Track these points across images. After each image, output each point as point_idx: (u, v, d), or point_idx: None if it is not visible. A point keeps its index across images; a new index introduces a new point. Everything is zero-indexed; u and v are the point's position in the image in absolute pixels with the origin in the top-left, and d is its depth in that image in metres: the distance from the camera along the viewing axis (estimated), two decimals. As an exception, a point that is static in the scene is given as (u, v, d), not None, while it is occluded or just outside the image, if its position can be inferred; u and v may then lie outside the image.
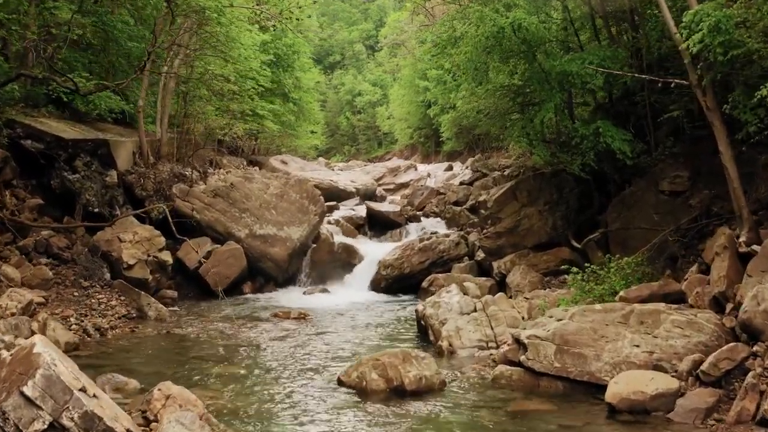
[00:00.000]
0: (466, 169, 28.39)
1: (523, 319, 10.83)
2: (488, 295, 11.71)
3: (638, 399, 7.47)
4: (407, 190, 27.53)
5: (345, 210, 22.93)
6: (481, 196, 20.18)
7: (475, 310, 11.10)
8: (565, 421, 7.46)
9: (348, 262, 18.53)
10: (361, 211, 22.33)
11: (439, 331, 10.80)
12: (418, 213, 22.84)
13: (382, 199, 26.42)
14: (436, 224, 21.38)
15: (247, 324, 12.86)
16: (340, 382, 8.59)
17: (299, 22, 23.73)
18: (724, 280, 9.04)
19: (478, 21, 13.35)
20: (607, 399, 7.58)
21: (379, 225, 21.54)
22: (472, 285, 12.41)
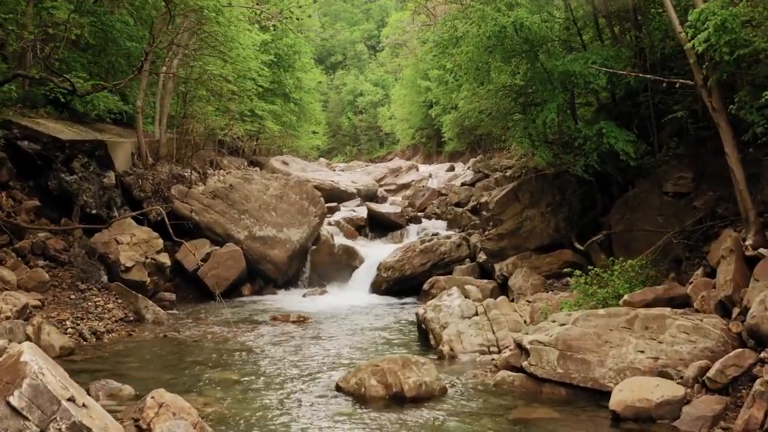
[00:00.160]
0: (467, 170, 28.28)
1: (525, 323, 10.67)
2: (490, 299, 11.54)
3: (643, 406, 7.29)
4: (408, 191, 27.43)
5: (346, 211, 22.75)
6: (483, 198, 20.03)
7: (477, 314, 10.92)
8: (568, 429, 7.28)
9: (348, 263, 18.39)
10: (362, 213, 22.16)
11: (440, 335, 10.64)
12: (420, 214, 22.71)
13: (384, 200, 26.24)
14: (438, 225, 21.24)
15: (246, 327, 12.70)
16: (338, 388, 8.42)
17: (300, 22, 23.63)
18: (730, 284, 8.86)
19: (480, 20, 13.20)
20: (612, 407, 7.41)
21: (379, 226, 21.39)
22: (473, 288, 12.24)
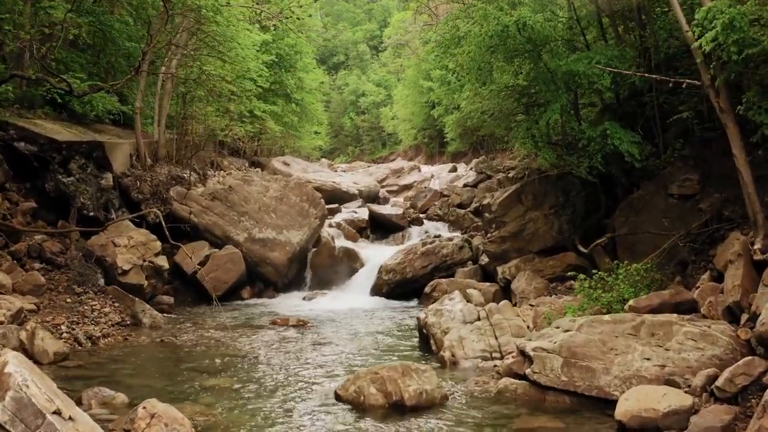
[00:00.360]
0: (470, 171, 28.07)
1: (528, 328, 10.46)
2: (492, 303, 11.31)
3: (650, 416, 7.07)
4: (410, 192, 27.24)
5: (347, 212, 22.53)
6: (486, 199, 19.79)
7: (479, 319, 10.70)
8: (572, 440, 7.10)
9: (349, 266, 18.16)
10: (364, 214, 21.93)
11: (442, 340, 10.43)
12: (421, 216, 22.47)
13: (386, 201, 26.03)
14: (440, 227, 21.04)
15: (245, 332, 12.50)
16: (337, 396, 8.22)
17: (301, 22, 23.46)
18: (738, 289, 8.64)
19: (482, 19, 12.99)
20: (617, 416, 7.19)
21: (381, 228, 21.16)
22: (475, 292, 12.02)
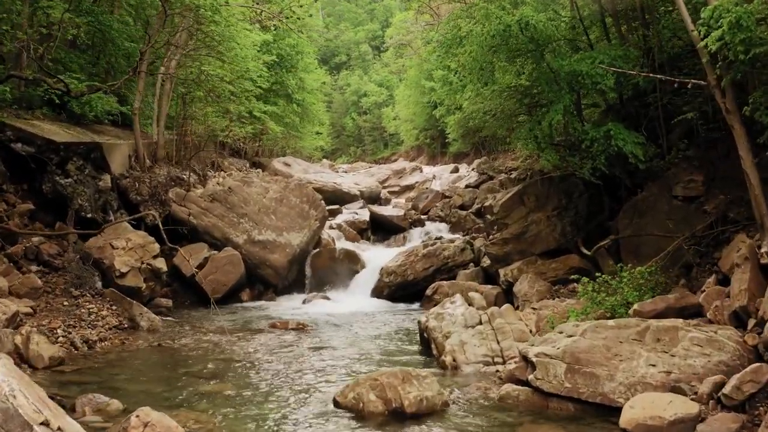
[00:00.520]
0: (472, 171, 27.92)
1: (531, 332, 10.28)
2: (494, 307, 11.15)
3: (655, 425, 6.91)
4: (412, 193, 27.09)
5: (348, 214, 22.36)
6: (488, 201, 19.66)
7: (481, 323, 10.52)
8: (576, 448, 6.94)
9: (350, 268, 17.96)
10: (365, 215, 21.76)
11: (443, 345, 10.25)
12: (423, 217, 22.31)
13: (387, 202, 25.86)
14: (441, 229, 20.86)
15: (243, 335, 12.35)
16: (336, 403, 8.06)
17: (302, 22, 23.31)
18: (745, 293, 8.48)
19: (484, 19, 12.87)
20: (622, 425, 7.03)
21: (382, 229, 21.00)
22: (477, 295, 11.86)
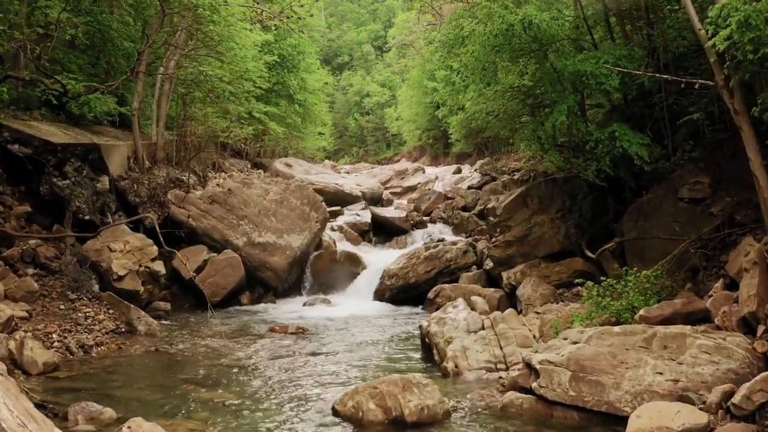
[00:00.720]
0: (474, 172, 27.70)
1: (534, 338, 10.09)
2: (497, 312, 10.93)
3: (663, 435, 6.72)
4: (414, 194, 26.88)
5: (349, 215, 22.14)
6: (491, 202, 19.43)
7: (483, 328, 10.32)
8: (581, 459, 6.74)
9: (351, 270, 17.76)
10: (366, 217, 21.52)
11: (445, 350, 10.06)
12: (425, 218, 22.11)
13: (389, 203, 25.65)
14: (443, 230, 20.66)
15: (242, 340, 12.16)
16: (334, 411, 7.87)
17: (304, 22, 23.12)
18: (754, 299, 8.27)
19: (486, 18, 12.64)
20: (629, 435, 6.84)
21: (384, 231, 20.79)
22: (479, 299, 11.66)
